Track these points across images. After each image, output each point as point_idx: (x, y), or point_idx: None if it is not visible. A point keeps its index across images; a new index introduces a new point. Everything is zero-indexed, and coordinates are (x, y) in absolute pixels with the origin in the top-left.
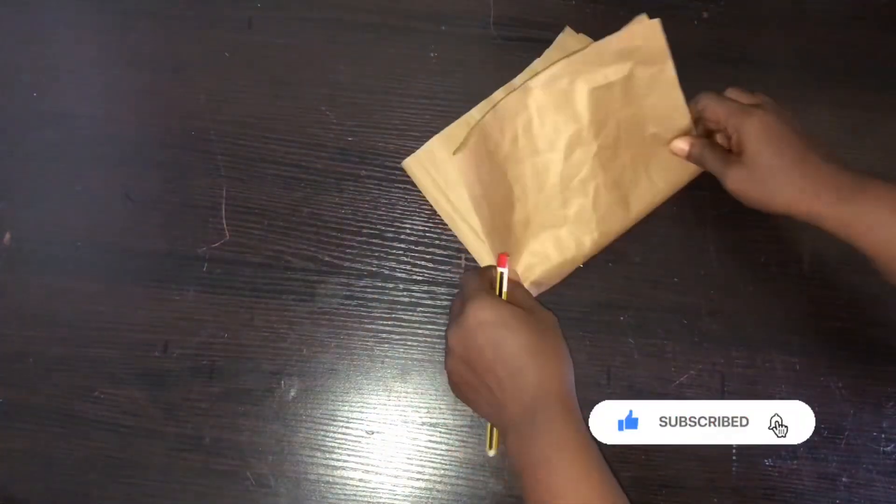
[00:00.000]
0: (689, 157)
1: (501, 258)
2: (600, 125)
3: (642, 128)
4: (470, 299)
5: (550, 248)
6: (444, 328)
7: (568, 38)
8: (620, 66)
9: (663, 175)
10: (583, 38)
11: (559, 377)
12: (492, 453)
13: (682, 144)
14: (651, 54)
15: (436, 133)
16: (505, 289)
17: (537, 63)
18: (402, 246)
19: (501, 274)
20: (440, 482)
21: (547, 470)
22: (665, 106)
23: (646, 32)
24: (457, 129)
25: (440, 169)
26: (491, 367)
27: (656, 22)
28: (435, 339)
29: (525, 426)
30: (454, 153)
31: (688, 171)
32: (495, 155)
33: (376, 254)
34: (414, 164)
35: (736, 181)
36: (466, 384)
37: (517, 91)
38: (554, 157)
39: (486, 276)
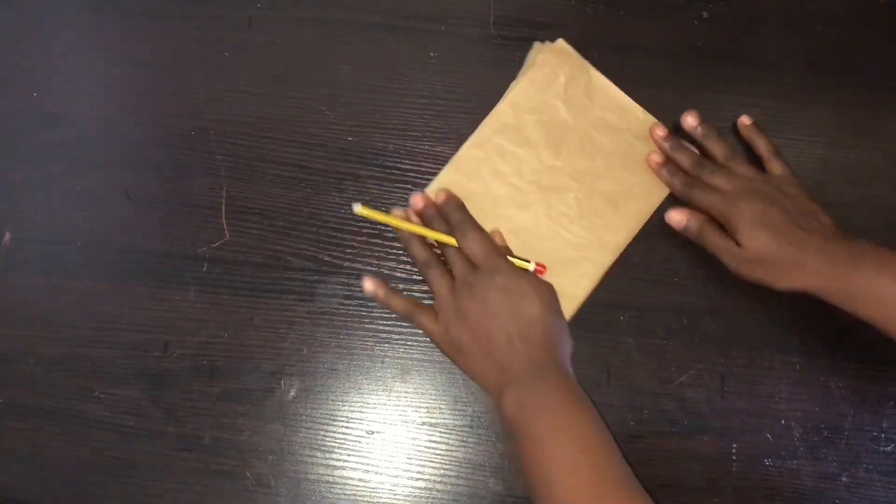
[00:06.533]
0: (687, 232)
1: (540, 268)
2: (557, 144)
3: (608, 132)
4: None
5: (572, 283)
6: None
7: (539, 52)
8: (553, 90)
9: (646, 169)
10: (560, 47)
11: (564, 353)
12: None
13: (678, 217)
14: (573, 71)
15: (435, 133)
16: None
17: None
18: (403, 246)
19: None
20: (440, 482)
21: (552, 415)
22: (614, 106)
23: (556, 55)
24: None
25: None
26: (506, 326)
27: (560, 42)
28: None
29: (529, 380)
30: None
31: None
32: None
33: (376, 254)
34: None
35: (737, 265)
36: (474, 339)
37: (471, 145)
38: (527, 187)
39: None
